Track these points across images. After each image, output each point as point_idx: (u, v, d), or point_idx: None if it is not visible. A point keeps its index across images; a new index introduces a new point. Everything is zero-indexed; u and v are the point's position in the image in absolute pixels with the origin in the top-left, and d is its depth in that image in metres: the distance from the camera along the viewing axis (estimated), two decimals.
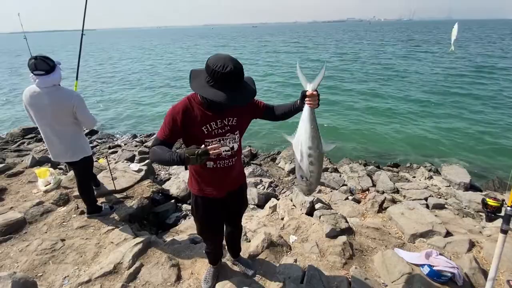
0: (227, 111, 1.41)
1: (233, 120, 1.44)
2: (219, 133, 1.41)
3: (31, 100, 2.26)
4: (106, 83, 16.25)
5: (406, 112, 8.91)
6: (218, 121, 1.39)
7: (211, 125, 1.38)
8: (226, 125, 1.42)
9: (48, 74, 2.22)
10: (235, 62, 1.20)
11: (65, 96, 2.30)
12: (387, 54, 22.96)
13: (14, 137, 7.44)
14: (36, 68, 2.17)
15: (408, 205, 3.06)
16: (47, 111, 2.28)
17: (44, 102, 2.25)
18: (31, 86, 2.27)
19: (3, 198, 3.26)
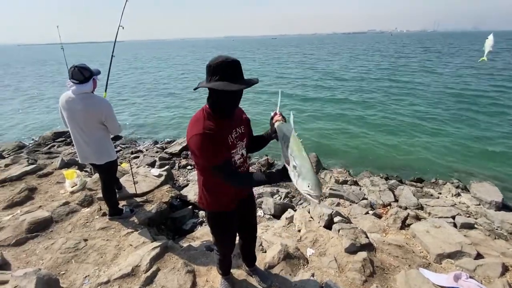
0: (236, 120, 1.48)
1: (242, 128, 1.51)
2: (236, 142, 1.45)
3: (66, 104, 2.42)
4: (129, 91, 17.02)
5: (431, 124, 8.55)
6: (234, 130, 1.44)
7: (232, 135, 1.42)
8: (240, 133, 1.48)
9: (81, 84, 2.38)
10: (231, 57, 1.28)
11: (96, 104, 2.44)
12: (408, 65, 22.38)
13: (46, 140, 7.93)
14: (72, 77, 2.35)
15: (434, 222, 2.89)
16: (78, 116, 2.43)
17: (77, 107, 2.40)
18: (68, 92, 2.43)
19: (33, 197, 3.45)
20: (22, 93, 16.84)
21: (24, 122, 11.02)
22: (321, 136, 8.21)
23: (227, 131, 1.40)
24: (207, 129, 1.29)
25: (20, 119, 11.41)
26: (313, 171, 1.11)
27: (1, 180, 3.81)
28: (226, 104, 1.34)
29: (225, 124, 1.39)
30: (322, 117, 10.12)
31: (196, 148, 1.30)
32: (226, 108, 1.36)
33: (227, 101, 1.32)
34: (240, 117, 1.55)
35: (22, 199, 3.34)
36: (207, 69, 1.26)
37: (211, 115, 1.36)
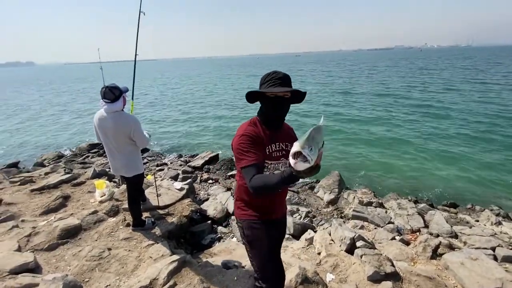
0: (283, 135, 1.49)
1: (289, 146, 1.47)
2: (277, 156, 1.45)
3: (99, 122, 2.63)
4: (155, 106, 17.97)
5: (467, 146, 7.98)
6: (277, 143, 1.45)
7: (272, 147, 1.43)
8: (283, 149, 1.47)
9: (113, 103, 2.57)
10: (282, 72, 1.40)
11: (125, 122, 2.62)
12: (443, 79, 21.36)
13: (81, 151, 8.54)
14: (104, 97, 2.55)
15: (470, 254, 2.63)
16: (110, 133, 2.62)
17: (108, 125, 2.59)
18: (100, 110, 2.65)
19: (66, 204, 3.70)
20: (61, 107, 18.49)
21: (65, 133, 12.02)
22: (345, 154, 7.98)
23: (268, 139, 1.42)
24: (247, 131, 1.38)
25: (61, 131, 12.45)
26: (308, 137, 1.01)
27: (40, 187, 4.13)
28: (271, 110, 1.39)
29: (269, 134, 1.43)
30: (346, 134, 9.89)
31: (234, 149, 1.39)
32: (271, 115, 1.41)
33: (272, 107, 1.38)
34: (289, 134, 1.55)
35: (57, 206, 3.59)
36: (261, 81, 1.41)
37: (257, 123, 1.45)
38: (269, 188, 1.21)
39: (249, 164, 1.30)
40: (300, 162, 0.98)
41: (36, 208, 3.56)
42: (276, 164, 1.46)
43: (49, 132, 12.37)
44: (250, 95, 1.42)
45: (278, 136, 1.47)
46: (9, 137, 11.63)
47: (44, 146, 10.25)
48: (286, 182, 1.13)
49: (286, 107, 1.41)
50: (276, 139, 1.45)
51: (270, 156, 1.43)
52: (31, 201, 3.78)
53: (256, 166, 1.30)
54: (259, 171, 1.30)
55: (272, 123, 1.45)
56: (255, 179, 1.24)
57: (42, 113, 16.88)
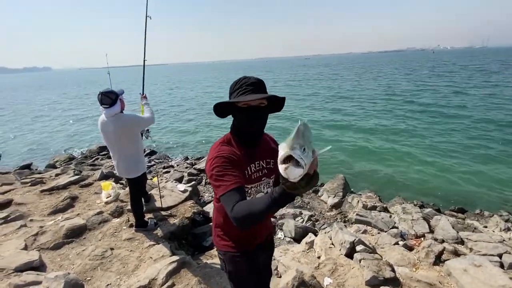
0: (263, 152, 1.28)
1: (271, 162, 1.30)
2: (256, 177, 1.26)
3: (101, 127, 2.74)
4: (167, 111, 18.27)
5: (476, 149, 7.76)
6: (257, 163, 1.25)
7: (251, 168, 1.23)
8: (264, 168, 1.28)
9: (111, 107, 2.66)
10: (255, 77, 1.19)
11: (124, 123, 2.70)
12: (448, 86, 20.88)
13: (91, 153, 8.77)
14: (102, 103, 2.64)
15: (474, 260, 2.57)
16: (111, 137, 2.72)
17: (109, 129, 2.69)
18: (102, 115, 2.74)
19: (73, 205, 3.81)
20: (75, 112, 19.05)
21: (76, 135, 12.38)
22: (350, 156, 7.90)
23: (246, 160, 1.21)
24: (221, 152, 1.15)
25: (73, 134, 12.83)
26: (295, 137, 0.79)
27: (50, 188, 4.28)
28: (245, 123, 1.17)
29: (245, 153, 1.22)
30: (351, 135, 9.80)
31: (208, 176, 1.15)
32: (246, 130, 1.20)
33: (246, 120, 1.16)
34: (269, 148, 1.33)
35: (64, 206, 3.70)
36: (231, 88, 1.19)
37: (231, 141, 1.23)
38: (256, 216, 0.95)
39: (228, 190, 1.05)
40: (292, 167, 0.75)
41: (44, 208, 3.69)
42: (257, 186, 1.27)
43: (61, 134, 12.76)
44: (219, 107, 1.20)
45: (257, 153, 1.26)
46: (24, 139, 12.06)
47: (57, 148, 10.58)
48: (278, 203, 0.89)
49: (263, 118, 1.19)
50: (254, 157, 1.25)
51: (250, 179, 1.22)
52: (40, 201, 3.91)
53: (238, 191, 1.05)
54: (242, 196, 1.05)
55: (249, 139, 1.23)
56: (238, 208, 0.98)
57: (55, 116, 17.45)
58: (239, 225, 0.98)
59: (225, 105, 1.19)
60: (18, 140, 11.97)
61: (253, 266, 1.37)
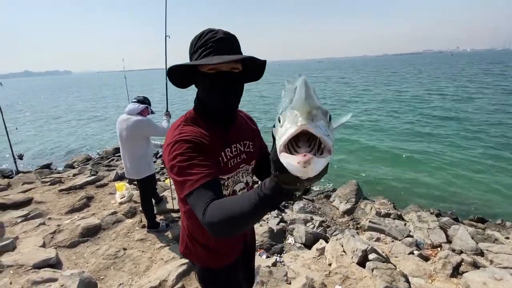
0: (240, 132, 1.01)
1: (249, 145, 1.03)
2: (234, 164, 0.98)
3: (118, 125, 2.85)
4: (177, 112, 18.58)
5: (499, 155, 7.41)
6: (233, 146, 0.97)
7: (226, 153, 0.94)
8: (242, 152, 1.00)
9: (137, 103, 2.83)
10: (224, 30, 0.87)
11: (136, 125, 2.79)
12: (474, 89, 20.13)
13: (107, 154, 9.03)
14: (134, 99, 2.86)
15: (494, 273, 2.44)
16: (124, 135, 2.81)
17: (123, 127, 2.79)
18: (123, 114, 2.85)
19: (89, 205, 3.93)
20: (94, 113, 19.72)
21: (95, 136, 12.81)
22: (363, 161, 7.74)
23: (219, 143, 0.92)
24: (183, 134, 0.85)
25: (92, 135, 13.29)
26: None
27: (68, 188, 4.44)
28: (214, 96, 0.88)
29: (217, 134, 0.93)
30: (364, 139, 9.60)
31: (167, 168, 0.86)
32: (215, 105, 0.91)
33: (214, 91, 0.87)
34: (247, 127, 1.07)
35: (81, 205, 3.83)
36: (192, 45, 0.88)
37: (196, 119, 0.93)
38: (239, 221, 0.68)
39: (197, 187, 0.77)
40: (316, 159, 0.43)
41: (62, 207, 3.83)
42: (235, 176, 0.99)
43: (79, 135, 13.24)
44: (177, 73, 0.90)
45: (232, 134, 0.98)
46: (45, 140, 12.60)
47: (76, 148, 10.98)
48: (269, 203, 0.63)
49: (237, 86, 0.89)
50: (229, 139, 0.96)
51: (225, 168, 0.94)
52: (58, 201, 4.06)
53: (210, 186, 0.78)
54: (216, 192, 0.77)
55: (220, 116, 0.94)
56: (212, 209, 0.71)
57: (74, 117, 18.15)
58: (215, 233, 0.72)
59: (184, 69, 0.89)
60: (39, 141, 12.51)
61: (232, 284, 1.12)
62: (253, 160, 1.07)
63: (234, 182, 1.00)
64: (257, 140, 1.10)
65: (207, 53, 0.83)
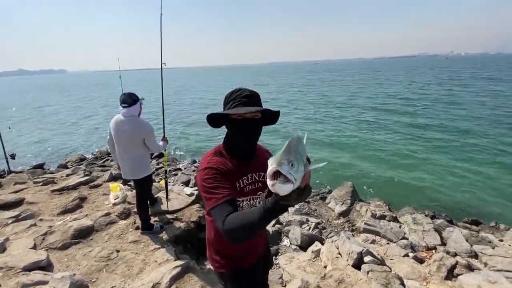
0: (256, 163, 1.25)
1: (263, 175, 1.25)
2: (250, 190, 1.23)
3: (115, 125, 2.79)
4: (175, 115, 18.49)
5: (493, 159, 7.50)
6: (249, 175, 1.23)
7: (243, 180, 1.21)
8: (257, 181, 1.25)
9: (130, 107, 2.76)
10: (248, 89, 1.17)
11: (139, 127, 2.78)
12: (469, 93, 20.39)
13: (102, 155, 8.93)
14: (123, 102, 2.74)
15: (488, 276, 2.45)
16: (124, 136, 2.77)
17: (124, 128, 2.75)
18: (118, 115, 2.82)
19: (82, 205, 3.86)
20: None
21: (90, 136, 12.66)
22: (359, 163, 7.77)
23: (238, 172, 1.19)
24: (212, 163, 1.15)
25: (86, 135, 13.13)
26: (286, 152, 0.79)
27: (61, 188, 4.36)
28: (238, 135, 1.16)
29: (238, 165, 1.20)
30: (360, 142, 9.65)
31: (199, 187, 1.15)
32: (239, 142, 1.18)
33: (239, 131, 1.15)
34: (264, 162, 1.29)
35: (73, 206, 3.76)
36: (224, 101, 1.18)
37: (223, 152, 1.21)
38: (249, 228, 0.94)
39: (220, 203, 1.05)
40: (279, 184, 0.75)
41: (54, 208, 3.76)
42: (250, 200, 1.24)
43: (74, 135, 13.08)
44: (213, 118, 1.18)
45: (250, 166, 1.24)
46: (37, 139, 12.41)
47: (69, 148, 10.84)
48: (271, 214, 0.88)
49: (257, 130, 1.17)
50: (247, 170, 1.23)
51: (241, 192, 1.20)
52: (50, 201, 3.99)
53: (229, 203, 1.05)
54: (233, 208, 1.04)
55: (242, 151, 1.22)
56: (230, 220, 0.98)
57: (68, 117, 17.95)
58: (231, 238, 0.98)
59: (218, 116, 1.18)
60: (32, 140, 12.33)
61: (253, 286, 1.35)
62: (266, 188, 1.21)
63: (250, 205, 1.23)
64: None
65: (236, 105, 1.12)
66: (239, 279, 1.32)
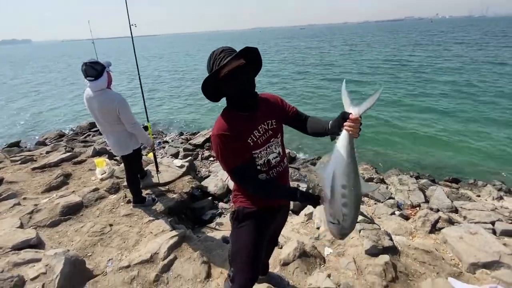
0: (262, 115, 1.32)
1: (272, 122, 1.35)
2: (264, 140, 1.32)
3: (87, 102, 2.56)
4: (157, 84, 17.65)
5: (473, 121, 7.80)
6: (259, 127, 1.30)
7: (255, 134, 1.29)
8: (268, 129, 1.34)
9: (97, 80, 2.43)
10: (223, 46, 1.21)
11: (109, 100, 2.48)
12: (452, 56, 20.53)
13: (82, 130, 8.52)
14: (86, 74, 2.41)
15: (469, 228, 2.63)
16: (97, 113, 2.55)
17: (94, 105, 2.51)
18: (88, 89, 2.53)
19: (67, 182, 3.72)
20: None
21: (64, 111, 11.96)
22: None
23: (248, 128, 1.27)
24: (221, 130, 1.22)
25: (60, 110, 12.39)
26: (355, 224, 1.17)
27: (42, 166, 4.15)
28: (233, 90, 1.20)
29: (246, 121, 1.27)
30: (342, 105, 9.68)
31: (214, 150, 1.27)
32: (237, 97, 1.22)
33: (232, 86, 1.19)
34: (268, 108, 1.36)
35: (58, 184, 3.61)
36: (207, 69, 1.22)
37: (229, 113, 1.28)
38: (272, 198, 1.28)
39: (234, 167, 1.24)
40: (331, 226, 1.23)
41: (37, 186, 3.60)
42: (266, 149, 1.33)
43: (49, 111, 12.31)
44: (207, 88, 1.22)
45: (258, 117, 1.31)
46: (10, 116, 11.60)
47: (46, 124, 10.25)
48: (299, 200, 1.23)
49: (248, 76, 1.20)
50: (256, 123, 1.30)
51: (256, 145, 1.29)
52: (32, 180, 3.81)
53: (243, 166, 1.24)
54: (248, 170, 1.26)
55: (245, 104, 1.26)
56: (254, 185, 1.27)
57: (41, 91, 16.72)
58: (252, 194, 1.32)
59: (209, 82, 1.19)
60: (3, 117, 11.52)
61: (260, 225, 1.42)
62: (278, 133, 1.40)
63: (267, 153, 1.34)
64: (278, 110, 1.40)
65: (219, 63, 1.15)
66: (254, 215, 1.41)
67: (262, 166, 1.33)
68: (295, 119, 1.44)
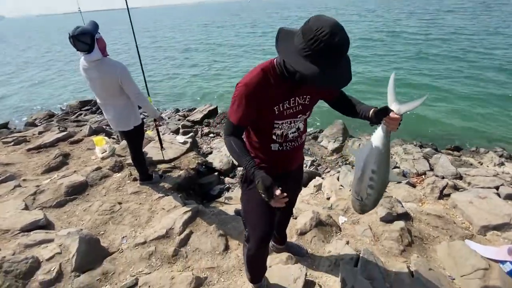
0: (304, 88, 1.19)
1: (307, 98, 1.24)
2: (290, 113, 1.22)
3: (84, 73, 2.35)
4: (151, 59, 16.87)
5: (471, 89, 7.79)
6: (292, 99, 1.19)
7: (284, 105, 1.19)
8: (299, 104, 1.23)
9: (89, 53, 2.20)
10: (344, 32, 0.91)
11: (110, 69, 2.29)
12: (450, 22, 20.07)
13: (73, 109, 8.18)
14: (77, 49, 2.19)
15: (479, 193, 2.68)
16: (96, 84, 2.35)
17: (93, 75, 2.30)
18: (81, 59, 2.30)
19: (67, 162, 3.59)
20: None
21: (48, 90, 11.40)
22: None
23: (280, 96, 1.16)
24: (251, 82, 1.11)
25: (44, 89, 11.79)
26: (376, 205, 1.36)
27: (37, 146, 3.97)
28: (294, 77, 1.07)
29: (283, 89, 1.15)
30: None
31: (233, 96, 1.17)
32: (297, 76, 1.07)
33: (302, 77, 1.03)
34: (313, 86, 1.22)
35: (57, 164, 3.48)
36: (305, 33, 0.92)
37: (271, 73, 1.13)
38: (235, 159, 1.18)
39: (231, 121, 1.17)
40: None
41: (36, 167, 3.46)
42: (290, 123, 1.25)
43: (34, 89, 11.70)
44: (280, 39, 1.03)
45: (297, 90, 1.19)
46: None
47: (33, 104, 9.78)
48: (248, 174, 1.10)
49: None
50: (292, 94, 1.18)
51: (280, 115, 1.20)
52: (29, 161, 3.65)
53: (237, 128, 1.18)
54: (236, 133, 1.19)
55: (294, 80, 1.09)
56: (229, 142, 1.17)
57: (23, 70, 15.79)
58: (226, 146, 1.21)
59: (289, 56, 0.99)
60: None
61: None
62: (308, 111, 1.30)
63: (289, 127, 1.27)
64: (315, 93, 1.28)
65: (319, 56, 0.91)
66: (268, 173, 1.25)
67: (278, 137, 1.28)
68: (338, 99, 1.38)
